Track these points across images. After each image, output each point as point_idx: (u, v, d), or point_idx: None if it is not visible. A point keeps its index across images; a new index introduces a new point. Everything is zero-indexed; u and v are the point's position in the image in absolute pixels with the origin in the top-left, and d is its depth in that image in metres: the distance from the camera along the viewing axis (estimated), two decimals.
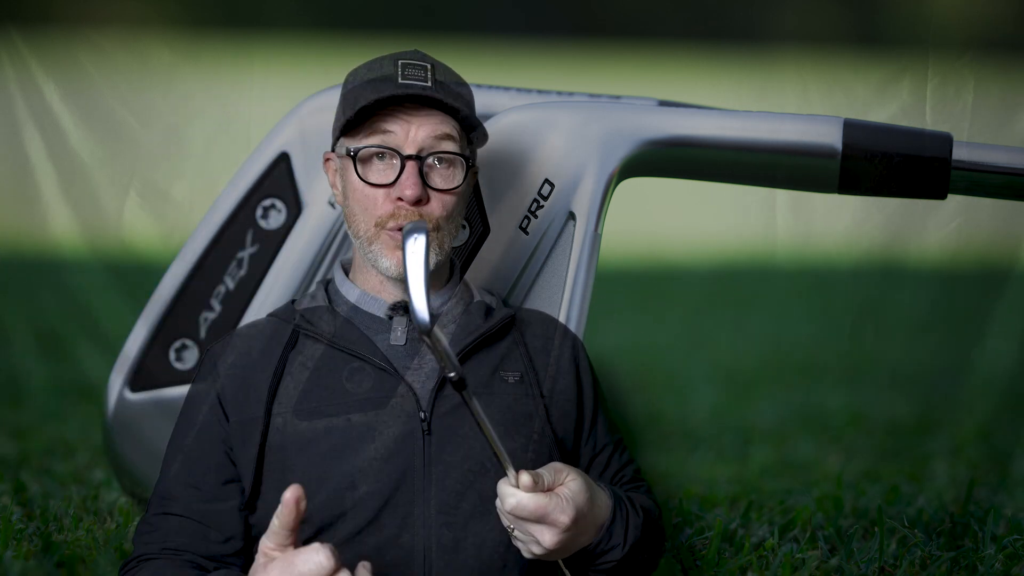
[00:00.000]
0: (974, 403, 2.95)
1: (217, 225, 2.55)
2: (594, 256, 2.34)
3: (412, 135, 1.75)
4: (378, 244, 1.77)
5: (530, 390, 1.83)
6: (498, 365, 1.83)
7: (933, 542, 2.51)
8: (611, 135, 2.32)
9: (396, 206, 1.75)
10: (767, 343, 3.07)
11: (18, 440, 3.09)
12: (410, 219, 1.73)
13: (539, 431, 1.80)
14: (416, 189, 1.73)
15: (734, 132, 2.34)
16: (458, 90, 1.81)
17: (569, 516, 1.63)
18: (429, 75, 1.77)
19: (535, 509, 1.61)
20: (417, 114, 1.76)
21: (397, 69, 1.76)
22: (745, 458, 2.94)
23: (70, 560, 2.27)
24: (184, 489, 1.77)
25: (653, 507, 1.87)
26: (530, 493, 1.61)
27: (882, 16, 2.92)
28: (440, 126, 1.76)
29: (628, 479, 1.90)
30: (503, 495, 1.62)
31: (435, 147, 1.76)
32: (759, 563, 2.41)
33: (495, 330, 1.85)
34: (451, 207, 1.79)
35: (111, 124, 2.84)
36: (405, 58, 1.78)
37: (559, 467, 1.69)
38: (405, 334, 1.80)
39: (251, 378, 1.78)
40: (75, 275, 2.89)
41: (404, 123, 1.75)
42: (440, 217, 1.77)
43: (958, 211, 2.77)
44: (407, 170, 1.74)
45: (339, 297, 1.85)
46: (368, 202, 1.77)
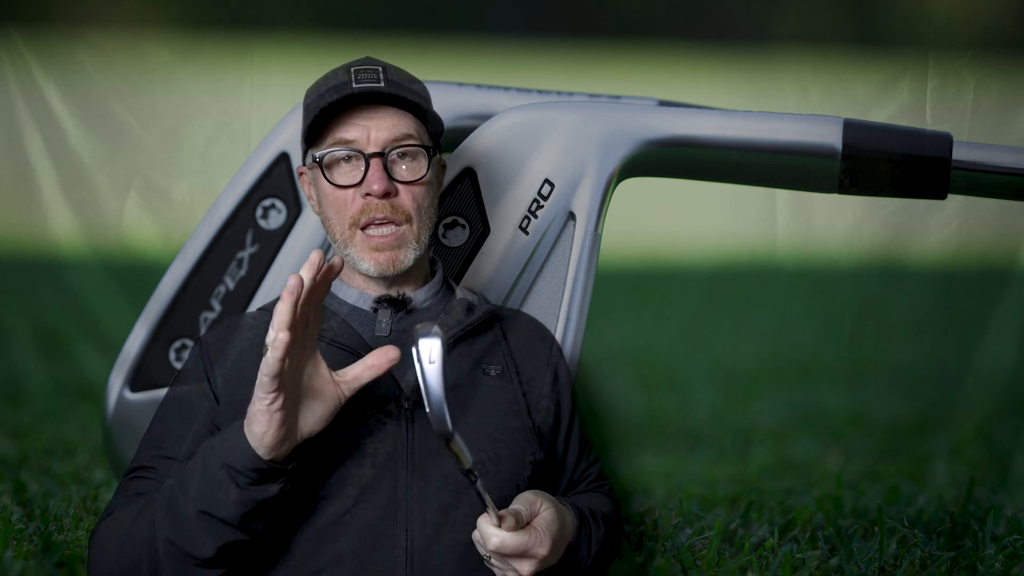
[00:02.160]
0: (974, 403, 2.95)
1: (217, 225, 2.55)
2: (594, 256, 2.34)
3: (372, 136, 1.82)
4: (353, 247, 1.83)
5: (511, 384, 1.88)
6: (480, 359, 1.88)
7: (933, 542, 2.50)
8: (611, 135, 2.32)
9: (366, 202, 1.81)
10: (767, 343, 3.07)
11: (18, 440, 3.09)
12: (382, 212, 1.81)
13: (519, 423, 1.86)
14: (382, 183, 1.80)
15: (734, 132, 2.34)
16: (410, 86, 1.87)
17: (546, 548, 1.70)
18: (381, 76, 1.84)
19: (516, 547, 1.68)
20: (374, 116, 1.83)
21: (350, 76, 1.84)
22: (745, 458, 2.94)
23: (70, 560, 2.27)
24: (162, 461, 1.79)
25: (612, 510, 1.94)
26: (511, 532, 1.68)
27: (882, 16, 2.92)
28: (398, 125, 1.83)
29: (594, 478, 1.97)
30: (486, 535, 1.68)
31: (396, 144, 1.83)
32: (759, 563, 2.41)
33: (476, 325, 1.90)
34: (421, 198, 1.84)
35: (111, 124, 2.84)
36: (357, 64, 1.86)
37: (531, 498, 1.74)
38: (389, 326, 1.85)
39: (241, 363, 1.81)
40: (75, 275, 2.89)
41: (363, 127, 1.82)
42: (411, 208, 1.83)
43: (958, 211, 2.77)
44: (372, 167, 1.81)
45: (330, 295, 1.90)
46: (339, 204, 1.83)
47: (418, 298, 1.90)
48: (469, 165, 2.29)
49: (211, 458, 1.66)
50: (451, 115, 2.54)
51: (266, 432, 1.63)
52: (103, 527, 1.76)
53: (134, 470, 1.82)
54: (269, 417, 1.62)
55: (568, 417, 1.95)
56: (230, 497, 1.64)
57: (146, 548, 1.69)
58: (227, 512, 1.65)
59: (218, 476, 1.64)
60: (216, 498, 1.65)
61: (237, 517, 1.65)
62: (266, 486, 1.65)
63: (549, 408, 1.92)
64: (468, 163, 2.30)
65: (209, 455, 1.67)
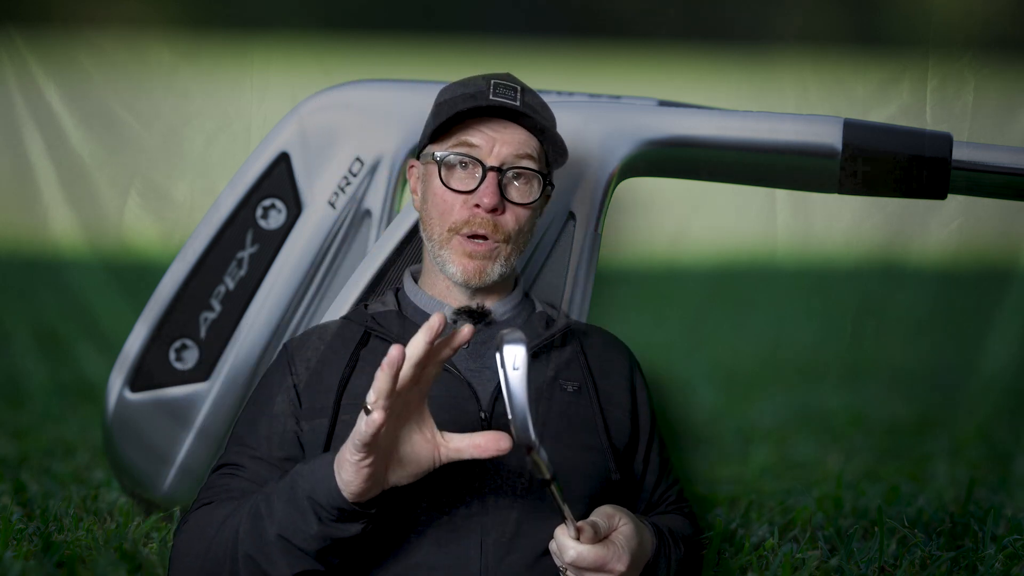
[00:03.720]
0: (974, 403, 2.95)
1: (217, 225, 2.56)
2: (594, 256, 2.34)
3: (496, 150, 1.85)
4: (448, 250, 1.86)
5: (588, 400, 1.88)
6: (557, 373, 1.89)
7: (933, 542, 2.50)
8: (611, 135, 2.33)
9: (472, 213, 1.85)
10: (767, 343, 3.06)
11: (18, 440, 3.09)
12: (484, 228, 1.84)
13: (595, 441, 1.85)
14: (494, 198, 1.83)
15: (734, 132, 2.34)
16: (542, 111, 1.90)
17: (624, 564, 1.67)
18: (518, 95, 1.87)
19: (594, 560, 1.66)
20: (502, 131, 1.86)
21: (489, 87, 1.86)
22: (745, 458, 2.94)
23: (70, 560, 2.27)
24: (252, 462, 1.80)
25: (692, 533, 1.93)
26: (589, 545, 1.66)
27: (882, 16, 2.92)
28: (523, 145, 1.86)
29: (673, 500, 1.97)
30: (563, 547, 1.66)
31: (516, 163, 1.85)
32: (759, 563, 2.41)
33: (555, 339, 1.91)
34: (524, 220, 1.88)
35: (111, 124, 2.84)
36: (497, 78, 1.89)
37: (610, 511, 1.73)
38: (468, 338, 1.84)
39: (324, 371, 1.84)
40: (75, 275, 2.89)
41: (489, 138, 1.85)
42: (512, 229, 1.86)
43: (958, 211, 2.77)
44: (487, 180, 1.84)
45: (407, 302, 1.94)
46: (446, 207, 1.86)
47: (498, 311, 1.92)
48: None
49: (299, 486, 1.66)
50: None
51: (351, 482, 1.61)
52: (193, 520, 1.77)
53: (223, 466, 1.82)
54: (356, 471, 1.60)
55: (647, 437, 1.95)
56: (311, 530, 1.64)
57: (228, 556, 1.70)
58: (306, 543, 1.65)
59: (302, 506, 1.64)
60: (297, 527, 1.65)
61: (315, 550, 1.65)
62: (348, 525, 1.64)
63: (626, 426, 1.91)
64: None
65: (298, 482, 1.66)
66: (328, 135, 2.54)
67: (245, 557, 1.68)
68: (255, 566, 1.67)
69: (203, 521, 1.75)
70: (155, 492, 2.61)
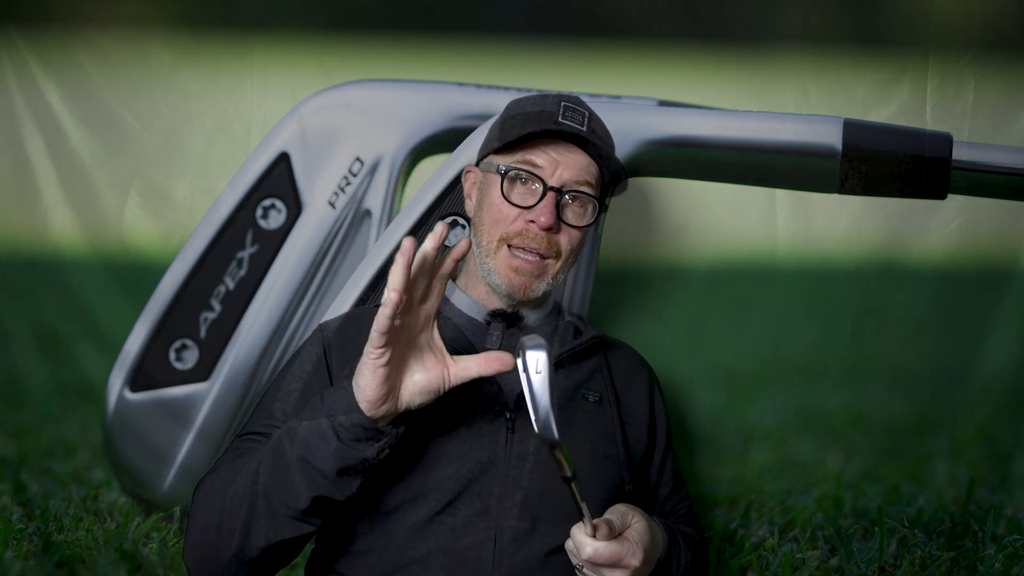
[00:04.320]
0: (974, 403, 2.94)
1: (217, 225, 2.56)
2: (594, 256, 2.34)
3: (558, 172, 1.89)
4: (495, 260, 1.90)
5: (609, 411, 1.94)
6: (581, 383, 1.94)
7: (933, 542, 2.51)
8: (611, 135, 2.32)
9: (526, 227, 1.89)
10: (767, 343, 3.06)
11: (18, 440, 3.08)
12: (536, 243, 1.88)
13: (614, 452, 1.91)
14: (551, 218, 1.87)
15: (734, 132, 2.34)
16: (605, 140, 1.94)
17: (639, 559, 1.72)
18: (585, 121, 1.91)
19: (610, 556, 1.70)
20: (566, 155, 1.90)
21: (559, 109, 1.90)
22: (745, 458, 2.94)
23: (70, 560, 2.27)
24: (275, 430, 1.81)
25: (701, 541, 1.99)
26: (605, 541, 1.70)
27: (882, 16, 2.92)
28: (584, 171, 1.91)
29: (684, 513, 2.03)
30: (580, 544, 1.70)
31: (575, 187, 1.89)
32: (759, 563, 2.41)
33: (582, 349, 1.96)
34: (576, 242, 1.92)
35: (111, 124, 2.84)
36: (567, 101, 1.93)
37: (623, 510, 1.78)
38: (499, 340, 1.91)
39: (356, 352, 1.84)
40: (75, 275, 2.89)
41: (553, 160, 1.89)
42: (565, 249, 1.90)
43: (958, 211, 2.77)
44: (547, 199, 1.88)
45: (445, 301, 1.96)
46: (501, 216, 1.90)
47: (530, 318, 1.96)
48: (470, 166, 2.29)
49: (319, 409, 1.69)
50: (451, 115, 2.55)
51: (368, 384, 1.65)
52: (208, 480, 1.79)
53: (245, 435, 1.85)
54: (373, 371, 1.64)
55: (663, 451, 2.01)
56: (330, 447, 1.67)
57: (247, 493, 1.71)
58: (325, 462, 1.67)
59: (322, 426, 1.67)
60: (316, 447, 1.67)
61: (334, 470, 1.67)
62: (365, 444, 1.67)
63: (643, 440, 1.98)
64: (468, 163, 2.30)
65: (318, 405, 1.70)
66: (328, 135, 2.54)
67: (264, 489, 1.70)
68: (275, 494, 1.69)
69: (224, 471, 1.78)
70: (155, 492, 2.61)
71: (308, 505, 1.69)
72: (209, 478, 1.80)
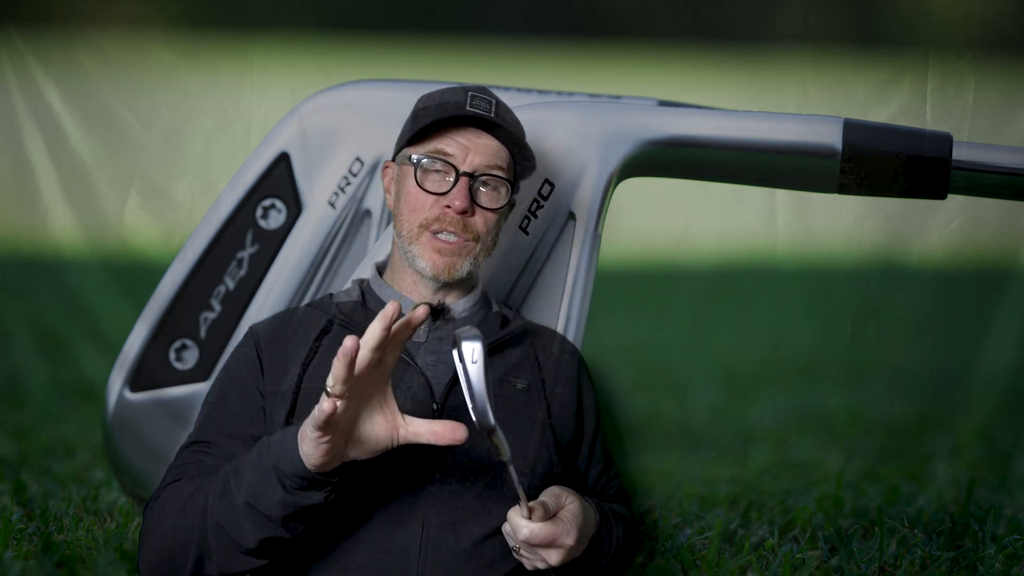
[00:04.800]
0: (974, 403, 2.95)
1: (217, 225, 2.56)
2: (594, 256, 2.34)
3: (469, 158, 1.95)
4: (418, 245, 1.95)
5: (536, 398, 1.99)
6: (509, 371, 1.99)
7: (933, 542, 2.51)
8: (611, 135, 2.33)
9: (443, 212, 1.94)
10: (767, 343, 3.06)
11: (18, 440, 3.09)
12: (454, 227, 1.94)
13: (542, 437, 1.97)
14: (464, 201, 1.93)
15: (734, 132, 2.34)
16: (514, 125, 2.01)
17: (573, 538, 1.78)
18: (493, 108, 1.97)
19: (545, 537, 1.76)
20: (476, 141, 1.96)
21: (466, 98, 1.96)
22: (745, 458, 2.94)
23: (70, 560, 2.27)
24: (223, 438, 1.90)
25: (631, 518, 2.05)
26: (540, 523, 1.76)
27: (882, 16, 2.92)
28: (494, 155, 1.97)
29: (614, 492, 2.08)
30: (516, 526, 1.76)
31: (487, 171, 1.96)
32: (759, 563, 2.41)
33: (509, 339, 2.02)
34: (492, 224, 1.98)
35: (111, 124, 2.84)
36: (474, 90, 1.99)
37: (557, 491, 1.83)
38: (426, 332, 1.97)
39: (288, 354, 1.95)
40: (75, 275, 2.89)
41: (463, 147, 1.96)
42: (481, 230, 1.96)
43: (958, 211, 2.77)
44: (460, 184, 1.94)
45: (372, 295, 2.03)
46: (418, 204, 1.95)
47: (457, 309, 2.02)
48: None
49: (265, 456, 1.74)
50: None
51: (311, 455, 1.69)
52: (162, 497, 1.84)
53: (193, 443, 1.91)
54: (315, 447, 1.69)
55: (592, 433, 2.06)
56: (275, 497, 1.72)
57: (197, 529, 1.78)
58: (271, 509, 1.73)
59: (267, 475, 1.72)
60: (263, 494, 1.73)
61: (280, 517, 1.74)
62: (310, 493, 1.73)
63: (571, 424, 2.02)
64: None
65: (264, 452, 1.74)
66: (328, 135, 2.54)
67: (214, 526, 1.76)
68: (224, 534, 1.76)
69: (174, 497, 1.83)
70: None
71: (256, 545, 1.76)
72: (160, 501, 1.84)
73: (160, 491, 1.86)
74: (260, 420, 1.90)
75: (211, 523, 1.76)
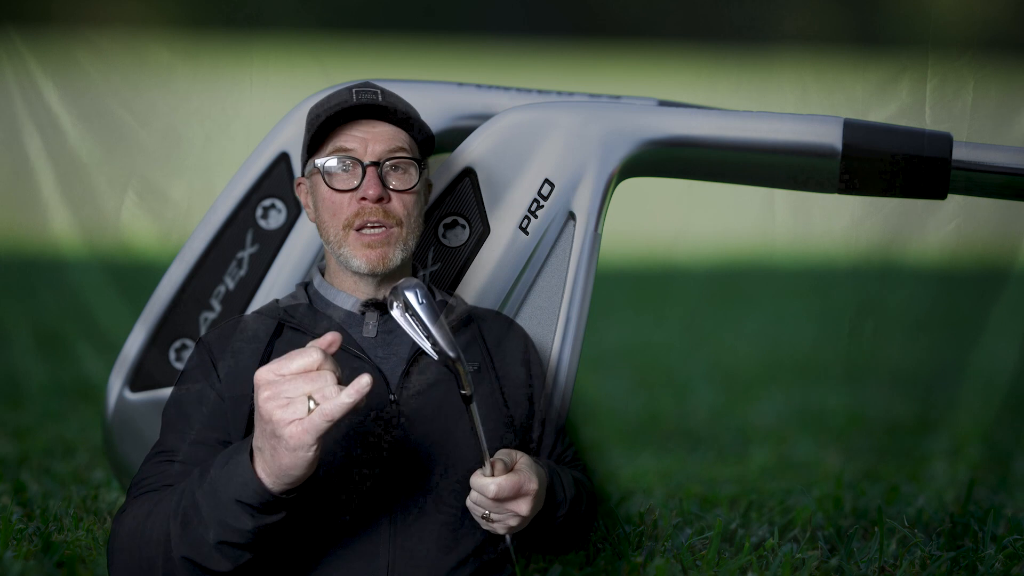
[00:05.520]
0: (974, 403, 2.95)
1: (217, 225, 2.55)
2: (594, 256, 2.34)
3: (370, 148, 1.98)
4: (347, 246, 1.98)
5: (488, 378, 2.04)
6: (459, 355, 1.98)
7: (933, 542, 2.50)
8: (611, 135, 2.32)
9: (361, 206, 1.97)
10: (766, 343, 3.07)
11: (18, 440, 3.09)
12: (375, 216, 1.97)
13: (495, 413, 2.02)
14: (377, 189, 1.96)
15: (734, 132, 2.34)
16: (404, 106, 2.04)
17: (535, 483, 1.84)
18: (379, 96, 2.00)
19: (512, 486, 1.82)
20: (371, 130, 1.99)
21: (351, 94, 1.99)
22: (745, 458, 2.94)
23: (70, 560, 2.27)
24: (186, 445, 1.91)
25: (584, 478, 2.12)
26: (504, 475, 1.82)
27: (881, 16, 2.92)
28: (393, 139, 2.00)
29: (570, 459, 2.14)
30: (483, 486, 1.82)
31: (390, 155, 1.99)
32: (759, 563, 2.41)
33: (455, 324, 2.06)
34: (411, 205, 2.00)
35: (110, 124, 2.84)
36: (357, 86, 2.02)
37: (506, 451, 1.90)
38: (376, 327, 2.00)
39: (242, 360, 1.96)
40: (75, 275, 2.89)
41: (361, 140, 1.98)
42: (402, 214, 1.98)
43: (957, 211, 2.77)
44: (368, 174, 1.97)
45: (317, 296, 2.06)
46: (336, 207, 1.98)
47: None
48: (469, 165, 2.30)
49: (221, 493, 1.75)
50: (451, 115, 2.55)
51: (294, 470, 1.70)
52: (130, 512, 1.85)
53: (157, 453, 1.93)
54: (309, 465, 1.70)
55: (542, 407, 2.11)
56: (246, 527, 1.75)
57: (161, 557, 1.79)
58: (244, 539, 1.76)
59: (232, 511, 1.74)
60: (233, 529, 1.75)
61: (254, 544, 1.77)
62: (276, 514, 1.75)
63: (523, 399, 2.07)
64: (468, 163, 2.30)
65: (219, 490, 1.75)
66: None
67: (182, 560, 1.78)
68: (193, 566, 1.78)
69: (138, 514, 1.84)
70: None
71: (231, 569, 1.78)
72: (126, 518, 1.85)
73: (127, 505, 1.88)
74: (220, 425, 1.91)
75: (178, 557, 1.77)
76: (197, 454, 1.88)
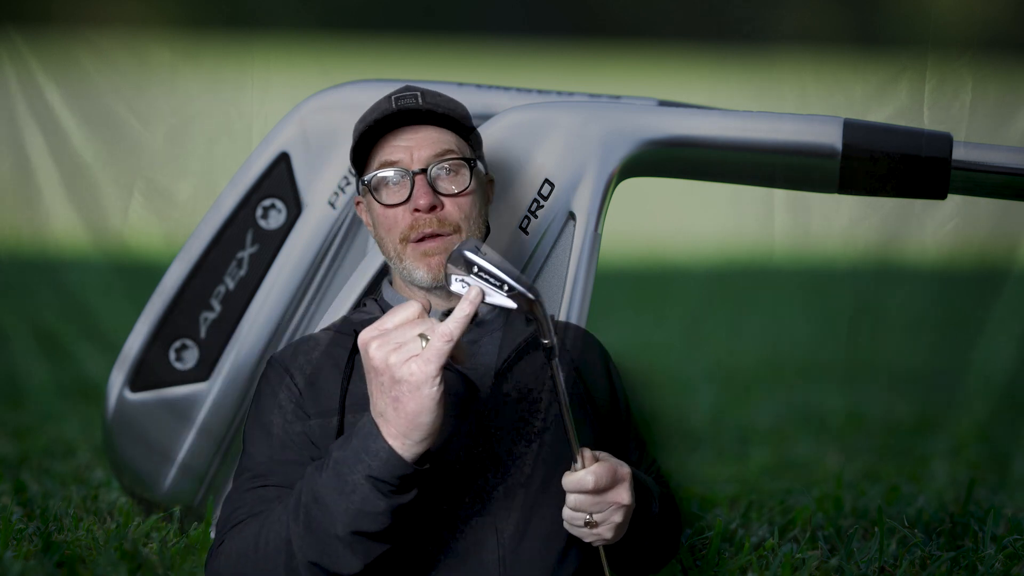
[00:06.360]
0: (974, 403, 2.95)
1: (217, 225, 2.56)
2: (594, 256, 2.34)
3: (415, 155, 1.90)
4: (408, 260, 1.91)
5: (576, 390, 1.95)
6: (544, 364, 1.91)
7: (933, 542, 2.51)
8: (611, 135, 2.33)
9: (415, 217, 1.90)
10: (766, 343, 3.07)
11: (18, 440, 3.09)
12: (430, 227, 1.89)
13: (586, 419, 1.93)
14: (428, 197, 1.88)
15: (734, 132, 2.35)
16: (447, 104, 1.95)
17: (627, 468, 1.76)
18: (420, 99, 1.92)
19: (607, 472, 1.72)
20: (415, 136, 1.92)
21: (391, 102, 1.92)
22: (745, 458, 2.95)
23: (70, 560, 2.27)
24: (277, 466, 1.82)
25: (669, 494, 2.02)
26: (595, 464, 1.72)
27: (881, 16, 2.92)
28: (438, 142, 1.92)
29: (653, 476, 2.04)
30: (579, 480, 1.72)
31: (438, 159, 1.91)
32: (759, 563, 2.41)
33: None
34: (468, 208, 1.92)
35: (113, 125, 2.84)
36: (397, 92, 1.94)
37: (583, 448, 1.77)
38: None
39: (320, 378, 1.88)
40: (76, 275, 2.89)
41: (405, 148, 1.91)
42: (458, 219, 1.91)
43: (956, 211, 2.77)
44: (417, 183, 1.89)
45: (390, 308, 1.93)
46: (390, 222, 1.91)
47: (481, 311, 1.91)
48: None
49: (348, 475, 1.67)
50: None
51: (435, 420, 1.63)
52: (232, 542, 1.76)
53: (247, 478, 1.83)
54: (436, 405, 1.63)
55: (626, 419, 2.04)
56: (379, 509, 1.66)
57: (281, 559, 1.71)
58: (378, 524, 1.67)
59: (363, 491, 1.66)
60: (365, 514, 1.66)
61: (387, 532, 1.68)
62: (407, 492, 1.67)
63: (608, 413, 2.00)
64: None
65: (344, 472, 1.67)
66: (328, 135, 2.54)
67: (308, 566, 1.69)
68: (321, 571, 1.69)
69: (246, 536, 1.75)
70: (156, 491, 2.61)
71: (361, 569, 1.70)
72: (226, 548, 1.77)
73: (227, 536, 1.78)
74: (308, 443, 1.83)
75: (303, 563, 1.69)
76: (290, 473, 1.80)
